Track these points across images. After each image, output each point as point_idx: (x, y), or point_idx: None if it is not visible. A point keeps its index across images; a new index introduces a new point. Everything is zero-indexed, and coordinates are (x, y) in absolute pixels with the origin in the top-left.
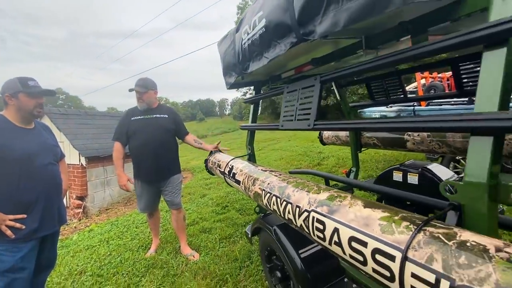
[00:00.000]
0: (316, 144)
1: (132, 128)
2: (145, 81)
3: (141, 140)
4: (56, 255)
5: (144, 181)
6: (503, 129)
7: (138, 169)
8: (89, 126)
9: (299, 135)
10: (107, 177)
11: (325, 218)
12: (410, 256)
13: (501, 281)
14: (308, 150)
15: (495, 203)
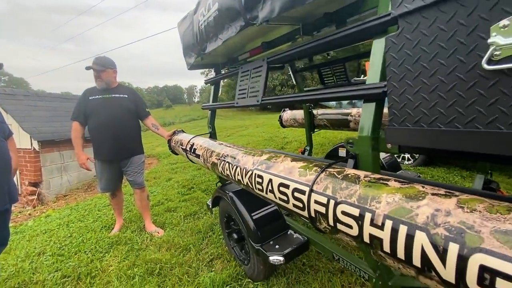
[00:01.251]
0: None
1: (90, 107)
2: (103, 60)
3: (100, 120)
4: (8, 233)
5: (105, 160)
6: (380, 94)
7: (97, 149)
8: (40, 108)
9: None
10: (64, 163)
11: (263, 173)
12: (314, 189)
13: (361, 193)
14: (274, 136)
15: (377, 151)
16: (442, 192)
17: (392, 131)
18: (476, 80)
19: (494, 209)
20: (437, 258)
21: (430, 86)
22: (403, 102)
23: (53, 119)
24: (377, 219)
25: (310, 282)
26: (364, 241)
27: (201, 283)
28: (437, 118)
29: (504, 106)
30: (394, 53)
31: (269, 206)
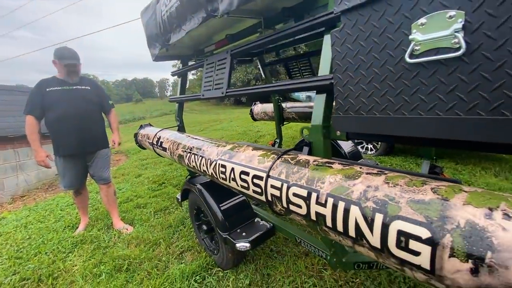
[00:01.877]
0: (256, 124)
1: (49, 99)
2: (74, 52)
3: (61, 112)
4: None
5: (67, 156)
6: (328, 86)
7: (59, 144)
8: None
9: (242, 116)
10: (20, 161)
11: (226, 163)
12: (271, 174)
13: (309, 176)
14: (248, 130)
15: (328, 139)
16: (375, 171)
17: (338, 119)
18: (402, 72)
19: (412, 183)
20: (367, 227)
21: (367, 77)
22: (346, 92)
23: (7, 114)
24: (321, 197)
25: (277, 266)
26: (312, 218)
27: (171, 275)
28: (373, 106)
29: (423, 95)
30: (337, 47)
31: (237, 197)
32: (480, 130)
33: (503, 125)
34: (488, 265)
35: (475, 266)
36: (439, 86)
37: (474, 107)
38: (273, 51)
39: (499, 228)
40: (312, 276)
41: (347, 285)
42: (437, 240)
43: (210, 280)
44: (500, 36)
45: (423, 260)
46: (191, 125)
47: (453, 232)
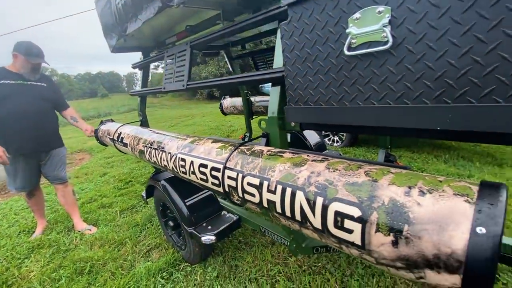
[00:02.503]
0: (229, 118)
1: (2, 92)
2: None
3: (13, 108)
4: None
5: (19, 155)
6: (280, 78)
7: (10, 141)
8: None
9: (215, 111)
10: None
11: (186, 156)
12: (227, 166)
13: (262, 165)
14: (220, 124)
15: (284, 130)
16: (320, 158)
17: (290, 110)
18: (342, 65)
19: (349, 167)
20: (310, 210)
21: (313, 70)
22: (296, 84)
23: None
24: (272, 185)
25: (245, 257)
26: (264, 206)
27: (136, 274)
28: (320, 97)
29: (360, 86)
30: (286, 40)
31: (203, 192)
32: (407, 118)
33: (425, 112)
34: (405, 237)
35: (395, 239)
36: (373, 77)
37: (401, 96)
38: (239, 44)
39: (415, 204)
40: (278, 264)
41: (310, 269)
42: (366, 218)
43: (177, 275)
44: (419, 30)
45: (356, 237)
46: (161, 120)
47: (379, 209)
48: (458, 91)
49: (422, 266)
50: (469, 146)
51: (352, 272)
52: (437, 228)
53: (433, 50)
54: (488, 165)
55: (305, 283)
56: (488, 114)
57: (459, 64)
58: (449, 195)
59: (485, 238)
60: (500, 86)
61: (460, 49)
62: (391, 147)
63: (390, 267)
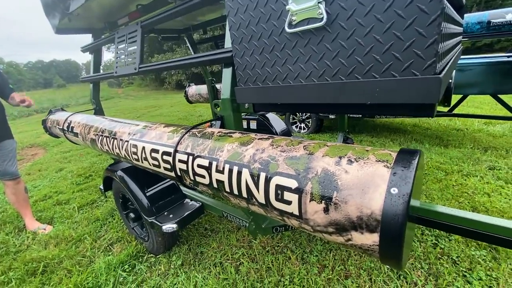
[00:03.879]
0: (199, 108)
1: None
2: None
3: None
4: None
5: None
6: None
7: None
8: None
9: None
10: None
11: (137, 142)
12: (178, 149)
13: (211, 146)
14: (189, 114)
15: (237, 112)
16: (266, 136)
17: (240, 91)
18: (285, 43)
19: (291, 143)
20: (254, 186)
21: (259, 48)
22: (244, 64)
23: None
24: (220, 165)
25: (210, 243)
26: (214, 186)
27: (95, 269)
28: (267, 76)
29: (302, 63)
30: (232, 17)
31: (165, 180)
32: (343, 94)
33: (358, 87)
34: (334, 203)
35: (326, 206)
36: (313, 54)
37: (337, 72)
38: (200, 28)
39: (343, 172)
40: (242, 247)
41: (273, 249)
42: (302, 188)
43: (140, 267)
44: (350, 6)
45: (294, 208)
46: (125, 111)
47: (313, 179)
48: (383, 66)
49: (349, 229)
50: (422, 130)
51: (312, 249)
52: (360, 192)
53: (362, 26)
54: (436, 146)
55: (268, 262)
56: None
57: (383, 39)
58: (372, 162)
59: (397, 197)
60: (417, 60)
61: (383, 24)
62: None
63: (324, 233)
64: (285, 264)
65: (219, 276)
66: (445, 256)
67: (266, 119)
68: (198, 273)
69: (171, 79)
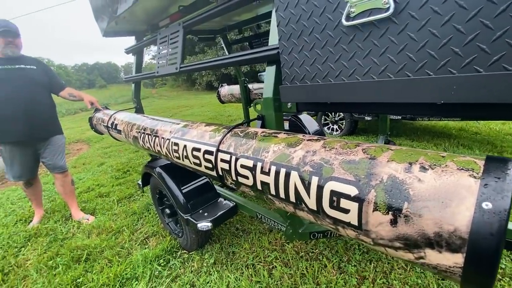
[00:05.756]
0: (228, 108)
1: None
2: (13, 24)
3: (4, 95)
4: None
5: (15, 143)
6: (276, 55)
7: (3, 131)
8: None
9: (213, 101)
10: None
11: (179, 140)
12: (221, 148)
13: (256, 147)
14: (219, 115)
15: (279, 112)
16: (315, 138)
17: (285, 89)
18: (340, 37)
19: (346, 146)
20: (304, 191)
21: (310, 44)
22: (291, 61)
23: None
24: (265, 166)
25: (242, 244)
26: (258, 188)
27: (133, 261)
28: (317, 74)
29: (359, 59)
30: (281, 12)
31: (200, 178)
32: (409, 92)
33: (428, 84)
34: (405, 215)
35: (394, 217)
36: (373, 49)
37: (403, 68)
38: (236, 28)
39: (416, 180)
40: (275, 250)
41: (307, 255)
42: (363, 196)
43: (174, 262)
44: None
45: (352, 217)
46: (159, 111)
47: (377, 187)
48: (464, 60)
49: (422, 245)
50: (469, 135)
51: (350, 258)
52: (439, 204)
53: (438, 15)
54: (488, 153)
55: (302, 268)
56: (496, 83)
57: (466, 29)
58: (453, 170)
59: (491, 214)
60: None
61: (467, 12)
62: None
63: (388, 248)
64: (320, 272)
65: (252, 278)
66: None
67: (298, 119)
68: (231, 273)
69: (201, 80)
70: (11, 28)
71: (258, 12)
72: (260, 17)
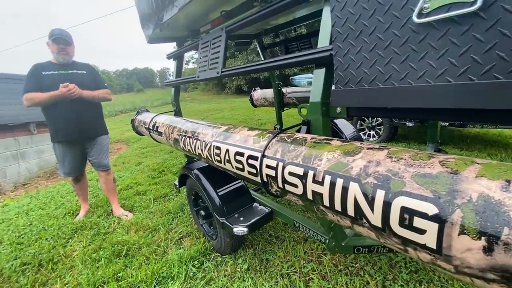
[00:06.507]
0: (258, 112)
1: (46, 84)
2: (67, 32)
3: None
4: None
5: (66, 142)
6: (327, 58)
7: (57, 130)
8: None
9: (243, 105)
10: (21, 149)
11: (221, 144)
12: (266, 154)
13: (306, 154)
14: (249, 118)
15: (327, 117)
16: (377, 146)
17: (338, 93)
18: (408, 36)
19: (417, 156)
20: (367, 205)
21: (370, 44)
22: (347, 63)
23: (6, 102)
24: (318, 175)
25: (276, 251)
26: (308, 198)
27: (169, 260)
28: (377, 76)
29: (432, 60)
30: (338, 12)
31: (235, 182)
32: (497, 96)
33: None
34: (505, 243)
35: (488, 244)
36: (451, 48)
37: (491, 69)
38: (273, 32)
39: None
40: (311, 261)
41: (347, 269)
42: (446, 217)
43: (208, 264)
44: None
45: (429, 239)
46: (191, 114)
47: (464, 207)
48: None
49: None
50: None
51: (395, 277)
52: None
53: None
54: None
55: (342, 283)
56: None
57: None
58: None
59: None
60: None
61: None
62: None
63: (476, 278)
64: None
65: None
66: None
67: (334, 123)
68: (265, 282)
69: (231, 84)
70: (64, 36)
71: (296, 15)
72: (297, 20)
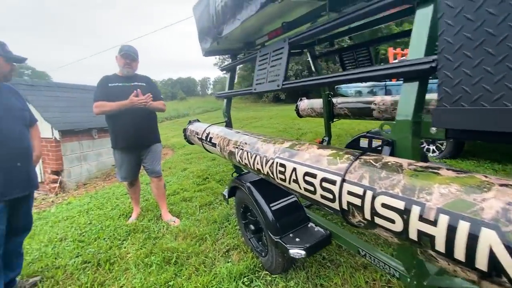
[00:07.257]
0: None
1: (111, 94)
2: (134, 49)
3: None
4: (31, 219)
5: (124, 149)
6: (426, 71)
7: (117, 138)
8: (60, 99)
9: (281, 114)
10: (83, 152)
11: (286, 162)
12: (347, 178)
13: (406, 184)
14: (288, 127)
15: (418, 137)
16: (510, 182)
17: (442, 112)
18: None
19: None
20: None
21: (496, 56)
22: (458, 78)
23: (73, 110)
24: (428, 213)
25: (331, 277)
26: (410, 237)
27: (218, 274)
28: (504, 95)
29: None
30: (448, 19)
31: (288, 197)
32: None
33: None
34: None
35: None
36: None
37: None
38: (327, 41)
39: None
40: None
41: None
42: None
43: (258, 283)
44: None
45: None
46: None
47: None
48: None
49: None
50: None
51: None
52: None
53: None
54: None
55: None
56: None
57: None
58: None
59: None
60: None
61: None
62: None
63: None
64: None
65: None
66: None
67: None
68: None
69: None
70: (132, 52)
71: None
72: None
